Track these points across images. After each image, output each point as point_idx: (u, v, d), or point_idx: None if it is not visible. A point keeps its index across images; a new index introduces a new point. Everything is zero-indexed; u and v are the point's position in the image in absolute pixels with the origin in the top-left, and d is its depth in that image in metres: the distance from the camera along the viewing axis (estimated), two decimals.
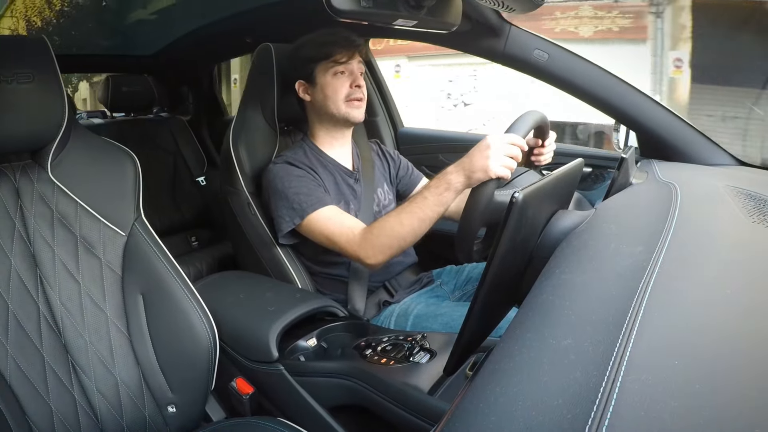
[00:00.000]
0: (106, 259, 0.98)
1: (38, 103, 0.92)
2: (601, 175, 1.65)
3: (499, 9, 1.15)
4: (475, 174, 1.01)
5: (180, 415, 0.98)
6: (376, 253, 1.14)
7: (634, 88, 1.31)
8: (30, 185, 0.96)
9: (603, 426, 0.30)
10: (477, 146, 1.03)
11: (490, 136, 1.02)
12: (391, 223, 1.12)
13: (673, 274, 0.49)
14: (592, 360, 0.36)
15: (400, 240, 1.12)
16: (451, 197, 1.07)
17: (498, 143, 1.00)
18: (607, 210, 0.75)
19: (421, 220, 1.09)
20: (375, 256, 1.15)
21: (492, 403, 0.35)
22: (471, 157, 1.03)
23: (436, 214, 1.09)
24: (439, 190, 1.08)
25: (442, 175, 1.08)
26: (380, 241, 1.13)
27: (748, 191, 0.86)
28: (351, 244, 1.17)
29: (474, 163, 1.02)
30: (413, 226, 1.10)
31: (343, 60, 1.27)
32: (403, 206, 1.13)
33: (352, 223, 1.20)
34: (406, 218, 1.10)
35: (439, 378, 0.93)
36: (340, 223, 1.20)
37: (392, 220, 1.12)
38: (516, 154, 1.01)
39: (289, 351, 1.07)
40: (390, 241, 1.12)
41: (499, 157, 1.00)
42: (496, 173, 0.99)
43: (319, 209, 1.22)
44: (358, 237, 1.16)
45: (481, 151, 1.01)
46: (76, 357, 0.93)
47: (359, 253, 1.16)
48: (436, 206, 1.08)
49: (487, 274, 0.56)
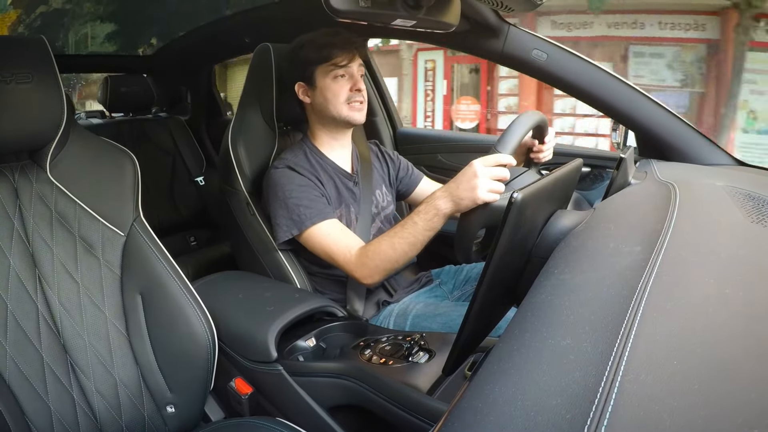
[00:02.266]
0: (105, 259, 0.97)
1: (37, 103, 0.92)
2: (600, 175, 1.65)
3: (498, 9, 1.16)
4: (462, 202, 1.03)
5: (179, 415, 0.98)
6: (372, 273, 1.18)
7: (633, 88, 1.31)
8: (29, 185, 0.96)
9: (602, 426, 0.30)
10: (463, 173, 1.04)
11: (476, 163, 1.03)
12: (384, 247, 1.15)
13: (672, 274, 0.49)
14: (590, 360, 0.36)
15: (393, 263, 1.15)
16: (441, 222, 1.10)
17: (484, 170, 1.01)
18: (605, 210, 0.75)
19: (411, 244, 1.12)
20: (371, 277, 1.18)
21: (491, 403, 0.35)
22: (458, 185, 1.04)
23: (426, 238, 1.11)
24: (428, 215, 1.10)
25: (431, 200, 1.10)
26: (374, 264, 1.16)
27: (746, 191, 0.87)
28: (348, 264, 1.20)
29: (461, 192, 1.03)
30: (405, 250, 1.13)
31: (343, 63, 1.26)
32: (395, 230, 1.15)
33: (350, 241, 1.21)
34: (398, 242, 1.13)
35: (437, 378, 0.93)
36: (337, 240, 1.22)
37: (385, 245, 1.15)
38: (503, 175, 1.03)
39: (287, 351, 1.07)
40: (384, 264, 1.16)
41: (486, 184, 1.01)
42: (484, 200, 1.00)
43: (318, 223, 1.22)
44: (355, 258, 1.19)
45: (468, 180, 1.02)
46: (75, 357, 0.93)
47: (355, 273, 1.19)
48: (426, 231, 1.10)
49: (485, 274, 0.56)
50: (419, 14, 0.95)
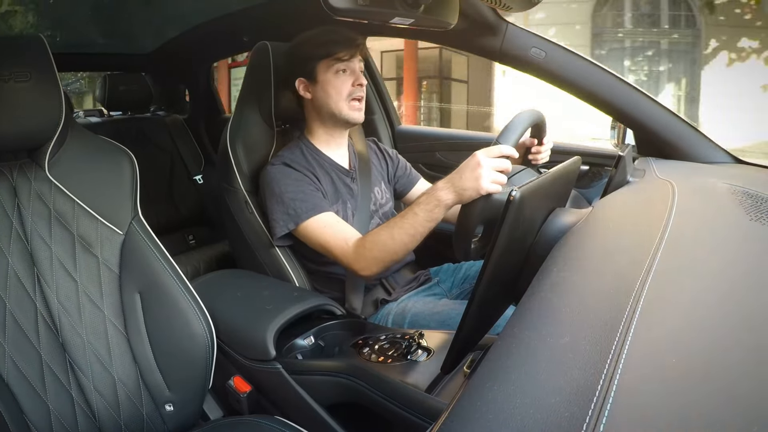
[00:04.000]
0: (103, 257, 0.97)
1: (35, 102, 0.92)
2: (599, 173, 1.65)
3: (496, 7, 1.15)
4: (466, 192, 1.03)
5: (177, 414, 0.98)
6: (370, 265, 1.17)
7: (632, 86, 1.31)
8: (27, 184, 0.96)
9: (600, 424, 0.30)
10: (467, 164, 1.04)
11: (480, 153, 1.03)
12: (383, 238, 1.14)
13: (671, 271, 0.49)
14: (589, 358, 0.36)
15: (392, 254, 1.14)
16: (442, 213, 1.09)
17: (488, 161, 1.01)
18: (604, 208, 0.75)
19: (411, 235, 1.11)
20: (369, 269, 1.17)
21: (489, 401, 0.35)
22: (461, 175, 1.04)
23: (426, 229, 1.11)
24: (429, 206, 1.09)
25: (433, 191, 1.09)
26: (372, 255, 1.15)
27: (745, 189, 0.87)
28: (345, 256, 1.19)
29: (464, 182, 1.03)
30: (404, 241, 1.12)
31: (345, 58, 1.26)
32: (394, 220, 1.15)
33: (347, 233, 1.21)
34: (397, 233, 1.12)
35: (436, 376, 0.93)
36: (334, 232, 1.21)
37: (384, 235, 1.14)
38: (506, 167, 1.03)
39: (286, 349, 1.07)
40: (382, 255, 1.15)
41: (490, 175, 1.01)
42: (487, 190, 1.00)
43: (314, 216, 1.22)
44: (352, 249, 1.18)
45: (472, 170, 1.02)
46: (73, 355, 0.93)
47: (353, 265, 1.18)
48: (426, 222, 1.10)
49: (484, 272, 0.56)
50: (417, 12, 0.95)
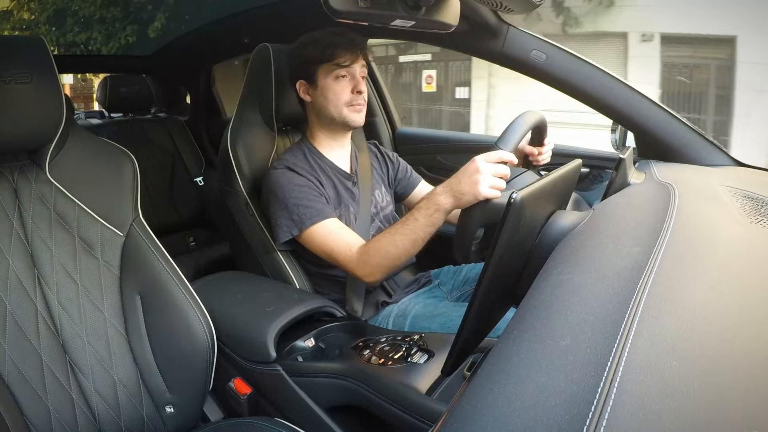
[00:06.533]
0: (104, 259, 0.97)
1: (36, 104, 0.92)
2: (599, 175, 1.65)
3: (497, 9, 1.15)
4: (464, 197, 1.03)
5: (178, 416, 0.98)
6: (374, 272, 1.17)
7: (633, 89, 1.31)
8: (28, 185, 0.96)
9: (600, 427, 0.30)
10: (465, 169, 1.04)
11: (479, 159, 1.03)
12: (384, 244, 1.14)
13: (671, 274, 0.49)
14: (589, 361, 0.36)
15: (395, 260, 1.15)
16: (441, 218, 1.09)
17: (486, 166, 1.01)
18: (605, 210, 0.75)
19: (413, 240, 1.12)
20: (373, 275, 1.18)
21: (489, 404, 0.35)
22: (459, 180, 1.04)
23: (427, 234, 1.11)
24: (429, 211, 1.09)
25: (432, 196, 1.09)
26: (375, 261, 1.16)
27: (746, 192, 0.87)
28: (349, 262, 1.20)
29: (463, 187, 1.03)
30: (406, 247, 1.13)
31: (345, 63, 1.26)
32: (396, 226, 1.15)
33: (351, 240, 1.21)
34: (399, 239, 1.13)
35: (437, 378, 0.93)
36: (338, 239, 1.21)
37: (386, 241, 1.14)
38: (505, 172, 1.03)
39: (287, 351, 1.07)
40: (385, 261, 1.15)
41: (488, 180, 1.01)
42: (485, 196, 1.00)
43: (318, 222, 1.22)
44: (356, 256, 1.18)
45: (470, 176, 1.02)
46: (74, 357, 0.93)
47: (357, 272, 1.19)
48: (427, 227, 1.10)
49: (485, 275, 0.56)
50: (418, 15, 0.95)
